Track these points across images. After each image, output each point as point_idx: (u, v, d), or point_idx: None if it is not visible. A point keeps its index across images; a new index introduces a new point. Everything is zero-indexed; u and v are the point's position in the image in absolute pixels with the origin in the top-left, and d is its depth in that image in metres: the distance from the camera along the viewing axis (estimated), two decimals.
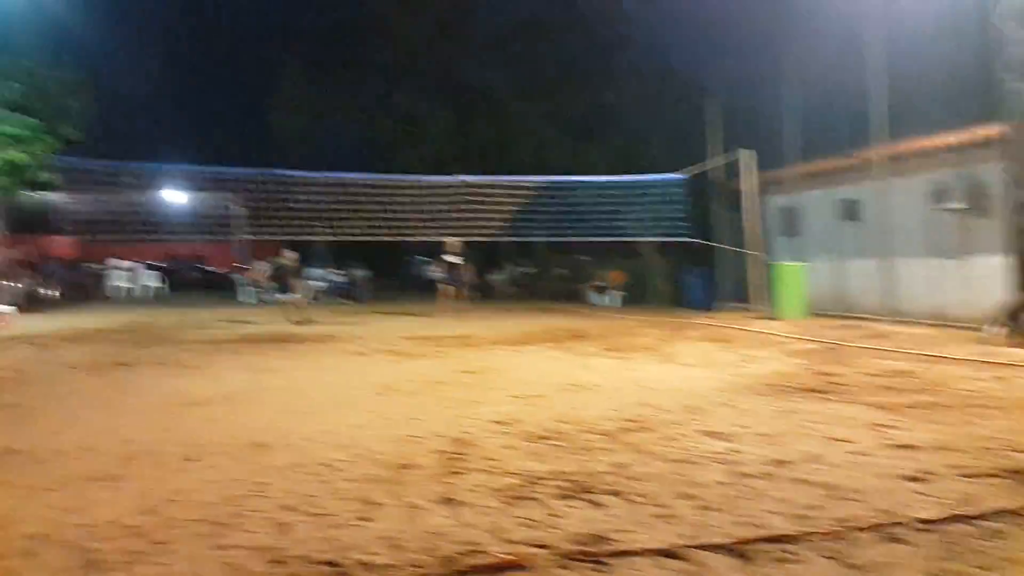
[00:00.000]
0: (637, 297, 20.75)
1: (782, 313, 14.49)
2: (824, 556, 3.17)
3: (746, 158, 14.79)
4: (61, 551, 3.25)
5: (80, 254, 32.01)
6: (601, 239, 17.09)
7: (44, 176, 17.66)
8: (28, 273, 24.22)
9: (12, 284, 20.07)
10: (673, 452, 4.82)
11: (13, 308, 15.04)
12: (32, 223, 31.07)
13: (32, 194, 22.57)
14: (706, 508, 3.77)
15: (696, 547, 3.24)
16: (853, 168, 14.89)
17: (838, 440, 5.08)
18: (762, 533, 3.41)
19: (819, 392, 6.87)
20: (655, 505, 3.81)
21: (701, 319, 15.05)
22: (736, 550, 3.21)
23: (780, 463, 4.53)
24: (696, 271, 19.19)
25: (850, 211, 15.26)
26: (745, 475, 4.31)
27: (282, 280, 16.28)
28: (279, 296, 16.22)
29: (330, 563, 3.12)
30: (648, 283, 20.70)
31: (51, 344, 11.34)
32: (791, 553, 3.20)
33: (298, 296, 16.21)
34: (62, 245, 30.61)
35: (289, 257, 16.37)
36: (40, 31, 18.37)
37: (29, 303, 19.63)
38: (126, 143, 37.09)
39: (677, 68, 19.39)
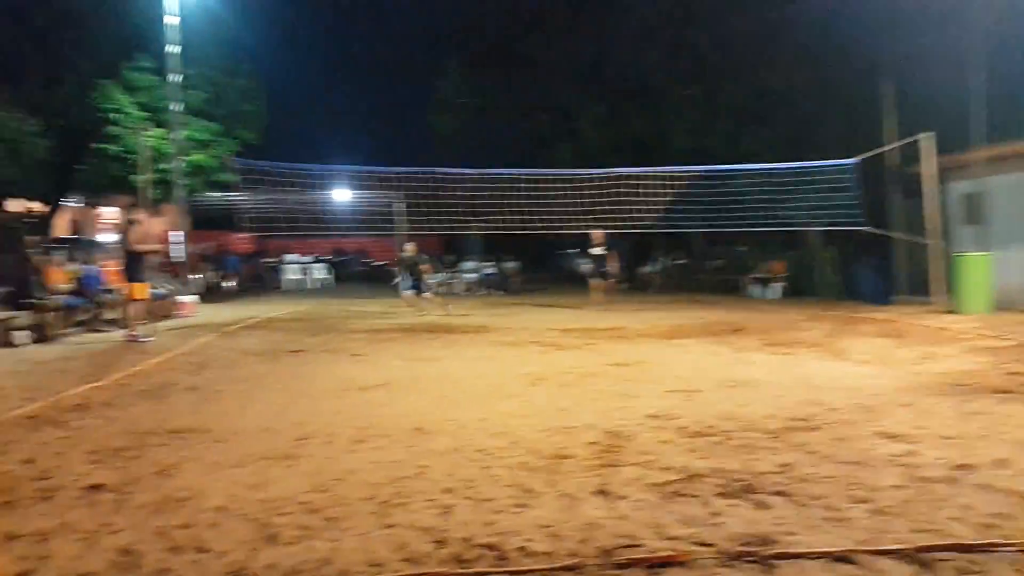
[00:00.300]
0: (799, 289, 19.79)
1: (965, 307, 13.36)
2: (1015, 569, 2.89)
3: (926, 141, 13.70)
4: (243, 523, 3.49)
5: (256, 249, 34.44)
6: (763, 228, 16.39)
7: (224, 176, 19.10)
8: (209, 266, 26.37)
9: (195, 276, 21.94)
10: (845, 453, 4.55)
11: (196, 298, 16.34)
12: (213, 220, 33.81)
13: (214, 193, 24.55)
14: (882, 513, 3.52)
15: (871, 552, 3.03)
16: None
17: None
18: (944, 541, 3.14)
19: (1009, 392, 6.26)
20: (825, 508, 3.60)
21: (873, 313, 14.15)
22: (915, 557, 2.98)
23: (965, 467, 4.17)
24: (868, 262, 18.03)
25: None
26: (925, 479, 4.00)
27: (409, 273, 16.58)
28: (405, 291, 16.56)
29: (490, 547, 3.17)
30: (813, 275, 19.67)
31: (230, 332, 12.26)
32: (976, 564, 2.94)
33: (413, 292, 16.46)
34: (240, 241, 33.04)
35: (409, 250, 16.62)
36: (219, 43, 19.89)
37: (210, 294, 21.33)
38: (296, 145, 39.61)
39: (848, 48, 18.20)
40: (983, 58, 14.68)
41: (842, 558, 2.99)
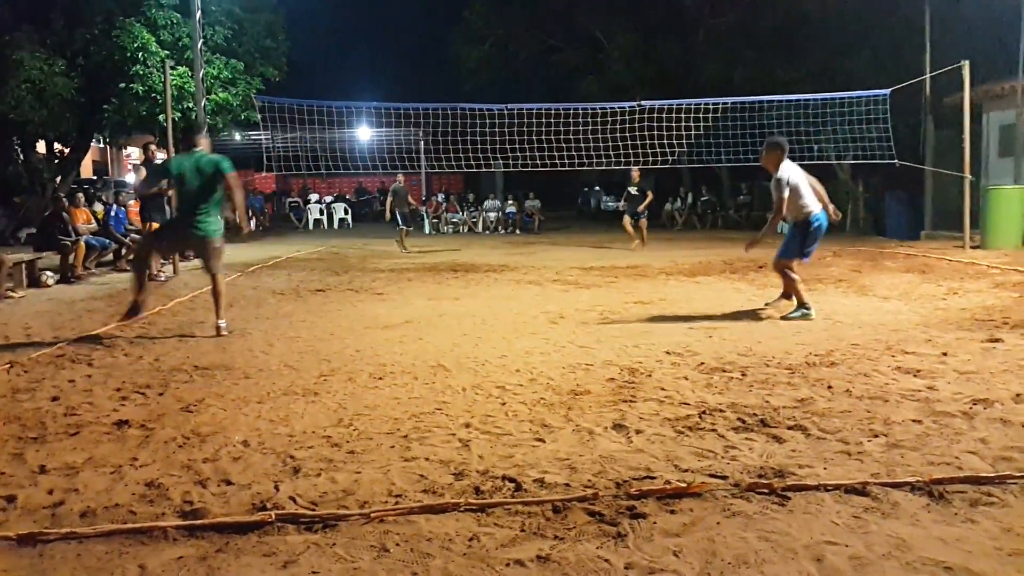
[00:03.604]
0: (830, 225, 19.47)
1: (995, 242, 13.11)
2: None
3: (963, 71, 13.24)
4: (267, 456, 3.58)
5: (279, 188, 34.49)
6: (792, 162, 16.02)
7: (248, 114, 19.01)
8: (230, 206, 26.48)
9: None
10: (863, 388, 4.54)
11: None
12: (236, 159, 33.85)
13: (236, 132, 24.46)
14: (897, 446, 3.54)
15: (885, 484, 3.05)
16: None
17: None
18: (959, 474, 3.16)
19: None
20: (841, 442, 3.62)
21: (903, 248, 13.95)
22: (929, 490, 2.99)
23: (984, 402, 4.16)
24: (900, 196, 17.67)
25: None
26: (943, 413, 4.00)
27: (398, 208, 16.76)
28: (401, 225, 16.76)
29: (508, 478, 3.23)
30: (844, 209, 19.34)
31: (254, 271, 12.38)
32: (991, 495, 2.95)
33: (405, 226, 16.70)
34: (263, 180, 33.09)
35: (400, 181, 16.81)
36: None
37: (233, 234, 21.49)
38: (319, 81, 39.24)
39: None
40: None
41: (855, 490, 3.02)
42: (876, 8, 19.11)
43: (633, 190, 16.56)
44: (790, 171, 7.34)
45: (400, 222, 16.79)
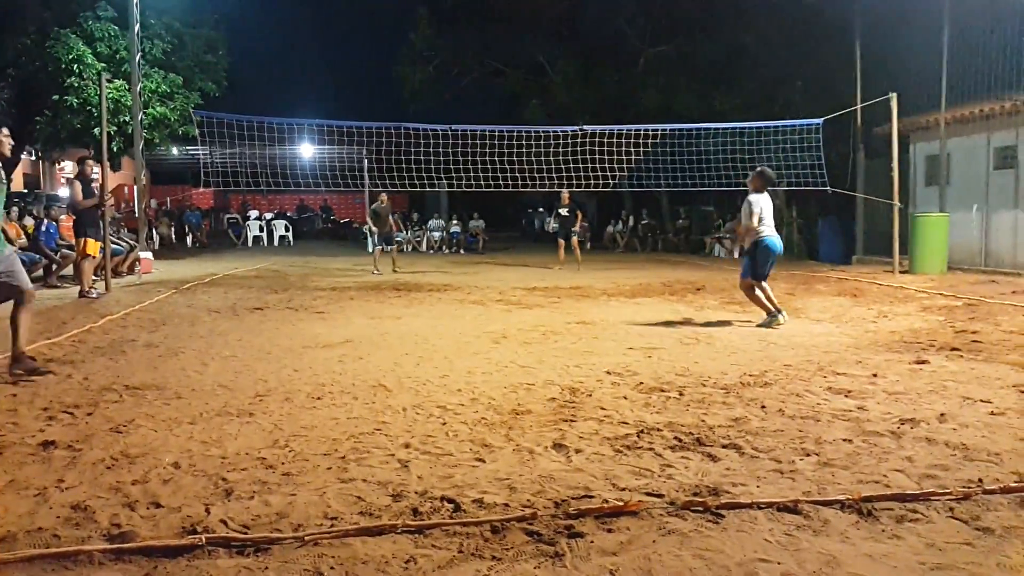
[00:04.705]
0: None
1: (921, 267, 13.65)
2: (951, 517, 3.00)
3: (891, 103, 13.82)
4: (198, 479, 3.49)
5: (217, 204, 33.86)
6: (729, 188, 16.45)
7: (185, 129, 18.66)
8: (169, 222, 25.88)
9: (154, 232, 21.50)
10: (796, 408, 4.66)
11: (149, 254, 15.97)
12: (173, 174, 33.07)
13: (174, 147, 23.96)
14: (828, 465, 3.63)
15: (816, 502, 3.13)
16: (1010, 113, 13.70)
17: (976, 400, 4.77)
18: (886, 491, 3.26)
19: (958, 350, 6.44)
20: (774, 460, 3.70)
21: (835, 272, 14.39)
22: (858, 507, 3.08)
23: (910, 422, 4.30)
24: (831, 222, 18.26)
25: (1004, 159, 14.10)
26: (872, 433, 4.12)
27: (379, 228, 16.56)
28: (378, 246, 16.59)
29: (447, 499, 3.21)
30: (779, 234, 19.89)
31: (190, 289, 12.10)
32: (916, 512, 3.05)
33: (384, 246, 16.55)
34: (201, 195, 32.44)
35: (383, 201, 16.56)
36: None
37: (169, 250, 20.99)
38: (259, 98, 38.75)
39: (818, 7, 18.17)
40: (947, 20, 14.75)
41: (787, 508, 3.08)
42: (810, 41, 19.82)
43: (564, 211, 16.92)
44: (761, 201, 8.16)
45: (376, 242, 16.65)
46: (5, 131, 5.82)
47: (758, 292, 8.09)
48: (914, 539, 2.82)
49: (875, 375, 5.55)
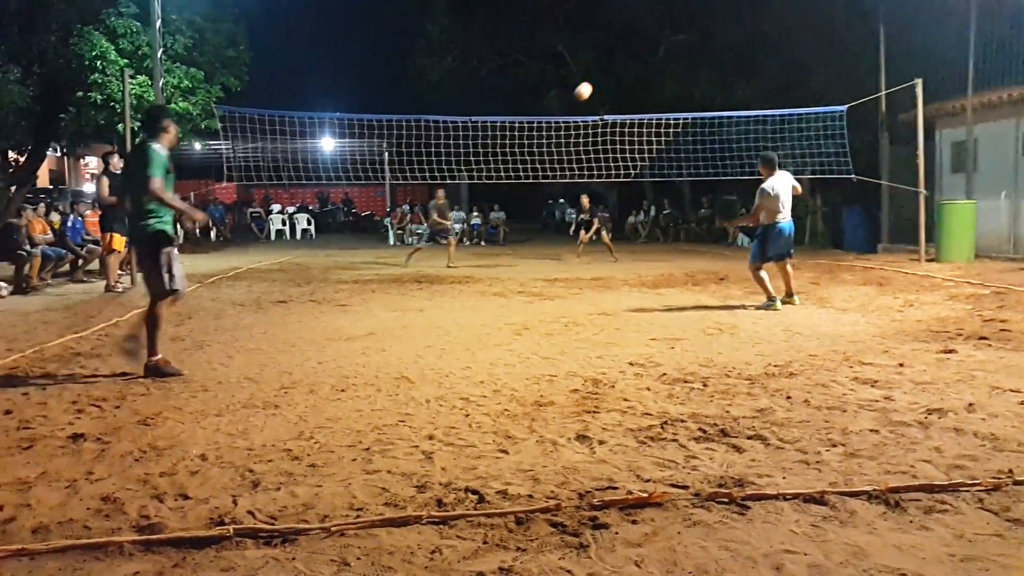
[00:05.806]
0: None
1: (948, 255, 13.45)
2: (981, 508, 2.97)
3: (916, 89, 13.60)
4: (225, 470, 3.53)
5: (241, 198, 34.09)
6: (752, 177, 16.27)
7: (208, 124, 18.78)
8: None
9: (177, 226, 21.62)
10: (822, 399, 4.62)
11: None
12: (197, 169, 33.33)
13: (197, 142, 24.14)
14: (854, 456, 3.60)
15: (842, 493, 3.10)
16: None
17: (1004, 390, 4.71)
18: (914, 482, 3.22)
19: (986, 339, 6.35)
20: (800, 451, 3.68)
21: (860, 261, 14.23)
22: (885, 498, 3.05)
23: (938, 412, 4.25)
24: (857, 210, 18.04)
25: None
26: (899, 423, 4.08)
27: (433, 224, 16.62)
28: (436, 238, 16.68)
29: (471, 490, 3.22)
30: (803, 223, 19.67)
31: (214, 283, 12.21)
32: (945, 503, 3.01)
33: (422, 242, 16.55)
34: (224, 190, 32.69)
35: (440, 197, 16.65)
36: None
37: (193, 244, 21.16)
38: (281, 92, 38.96)
39: None
40: (975, 4, 14.49)
41: (813, 499, 3.06)
42: (833, 27, 19.54)
43: (585, 216, 17.18)
44: (775, 182, 8.50)
45: (424, 238, 16.75)
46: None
47: (763, 275, 8.52)
48: (943, 530, 2.79)
49: (902, 365, 5.49)
